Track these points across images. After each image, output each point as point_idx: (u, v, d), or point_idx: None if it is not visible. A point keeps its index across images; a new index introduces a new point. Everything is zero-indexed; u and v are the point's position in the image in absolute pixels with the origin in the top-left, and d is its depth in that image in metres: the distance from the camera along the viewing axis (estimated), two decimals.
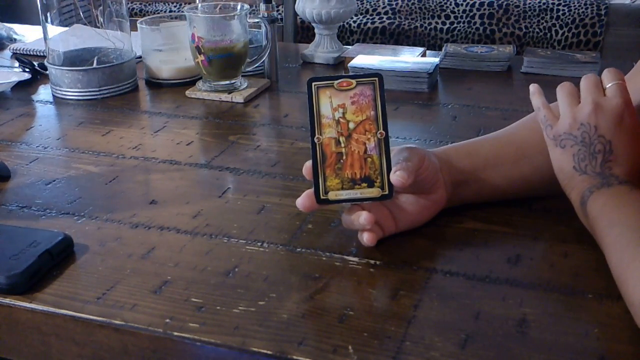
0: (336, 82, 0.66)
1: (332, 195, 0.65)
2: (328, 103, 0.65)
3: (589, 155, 0.64)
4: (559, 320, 0.57)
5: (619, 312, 0.57)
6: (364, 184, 0.65)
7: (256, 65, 1.16)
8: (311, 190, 0.65)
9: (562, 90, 0.68)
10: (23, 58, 1.26)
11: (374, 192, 0.65)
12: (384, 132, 0.65)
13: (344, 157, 0.65)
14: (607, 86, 0.66)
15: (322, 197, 0.65)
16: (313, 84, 0.66)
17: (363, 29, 2.51)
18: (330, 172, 0.65)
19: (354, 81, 0.66)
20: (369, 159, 0.65)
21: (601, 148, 0.64)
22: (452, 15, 2.52)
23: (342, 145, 0.65)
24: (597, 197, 0.63)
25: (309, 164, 0.66)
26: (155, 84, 1.17)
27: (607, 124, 0.64)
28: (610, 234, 0.59)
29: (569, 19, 2.40)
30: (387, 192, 0.65)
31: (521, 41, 2.42)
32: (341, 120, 0.65)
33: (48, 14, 1.12)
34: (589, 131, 0.64)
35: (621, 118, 0.64)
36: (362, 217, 0.65)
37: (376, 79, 0.65)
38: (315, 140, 0.65)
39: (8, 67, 1.28)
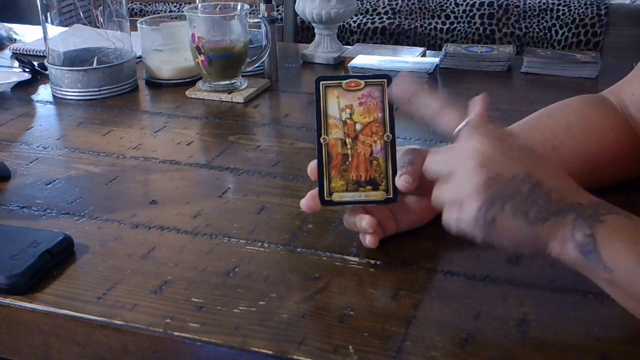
0: (344, 82, 0.65)
1: (336, 197, 0.65)
2: (335, 103, 0.65)
3: (527, 201, 0.53)
4: (559, 320, 0.57)
5: (619, 312, 0.57)
6: (369, 187, 0.65)
7: (256, 65, 1.16)
8: (315, 191, 0.65)
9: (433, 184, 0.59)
10: (23, 58, 1.26)
11: (379, 195, 0.65)
12: (390, 135, 0.65)
13: (350, 159, 0.65)
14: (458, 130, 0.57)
15: (326, 198, 0.65)
16: (321, 83, 0.65)
17: (363, 29, 2.51)
18: (335, 174, 0.65)
19: (362, 82, 0.65)
20: (375, 162, 0.65)
21: (529, 187, 0.53)
22: (452, 15, 2.52)
23: (348, 146, 0.65)
24: (606, 234, 0.52)
25: (313, 164, 0.65)
26: (155, 84, 1.17)
27: (505, 162, 0.54)
28: None
29: (569, 19, 2.40)
30: (391, 196, 0.65)
31: (521, 41, 2.42)
32: (348, 121, 0.65)
33: (48, 14, 1.11)
34: (498, 182, 0.53)
35: (510, 148, 0.55)
36: (365, 222, 0.64)
37: (385, 80, 0.65)
38: (322, 141, 0.65)
39: (8, 67, 1.28)
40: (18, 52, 1.36)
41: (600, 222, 0.52)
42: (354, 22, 2.52)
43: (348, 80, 0.65)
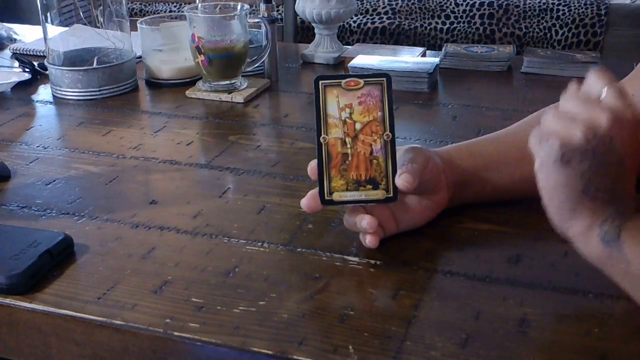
0: (344, 81, 0.65)
1: (336, 197, 0.65)
2: (335, 103, 0.65)
3: (601, 171, 0.54)
4: (559, 319, 0.57)
5: (619, 312, 0.57)
6: (369, 186, 0.65)
7: (256, 65, 1.16)
8: (315, 191, 0.65)
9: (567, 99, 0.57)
10: (23, 58, 1.26)
11: (379, 194, 0.65)
12: (390, 134, 0.65)
13: (350, 158, 0.65)
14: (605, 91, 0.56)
15: (326, 197, 0.65)
16: (320, 82, 0.65)
17: (363, 29, 2.51)
18: (335, 173, 0.65)
19: (361, 81, 0.65)
20: (375, 161, 0.65)
21: (615, 162, 0.54)
22: (452, 15, 2.52)
23: (348, 146, 0.65)
24: (632, 228, 0.53)
25: (313, 163, 0.65)
26: (155, 84, 1.17)
27: (622, 137, 0.53)
28: None
29: (569, 19, 2.39)
30: (392, 195, 0.65)
31: (521, 41, 2.42)
32: (348, 120, 0.65)
33: (48, 14, 1.11)
34: (605, 144, 0.53)
35: (632, 129, 0.55)
36: (365, 222, 0.64)
37: (384, 79, 0.65)
38: (321, 140, 0.65)
39: (8, 67, 1.28)
40: (18, 52, 1.36)
41: (630, 220, 0.54)
42: (354, 22, 2.52)
43: (347, 80, 0.65)
